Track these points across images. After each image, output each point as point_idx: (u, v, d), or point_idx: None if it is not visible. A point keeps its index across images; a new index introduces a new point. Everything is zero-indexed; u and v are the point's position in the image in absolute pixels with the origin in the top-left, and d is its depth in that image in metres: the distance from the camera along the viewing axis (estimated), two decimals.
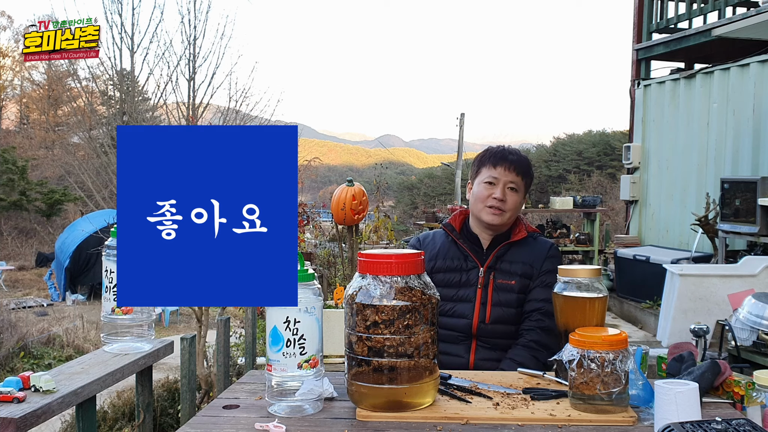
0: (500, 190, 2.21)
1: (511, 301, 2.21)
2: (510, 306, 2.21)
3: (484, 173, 2.25)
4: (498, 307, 2.21)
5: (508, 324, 2.21)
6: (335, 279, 6.73)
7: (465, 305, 2.22)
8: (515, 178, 2.23)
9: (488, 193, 2.22)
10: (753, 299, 3.37)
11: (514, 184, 2.23)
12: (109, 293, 2.09)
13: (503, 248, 2.25)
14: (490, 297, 2.21)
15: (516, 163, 2.23)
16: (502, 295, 2.22)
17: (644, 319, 7.37)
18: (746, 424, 1.35)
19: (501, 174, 2.22)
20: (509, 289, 2.22)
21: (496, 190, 2.21)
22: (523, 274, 2.23)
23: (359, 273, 1.61)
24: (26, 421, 1.61)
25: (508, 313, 2.21)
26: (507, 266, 2.24)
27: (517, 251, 2.26)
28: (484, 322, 2.20)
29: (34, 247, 19.99)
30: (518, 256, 2.25)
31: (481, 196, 2.24)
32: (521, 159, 2.27)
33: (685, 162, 8.24)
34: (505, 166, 2.22)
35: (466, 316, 2.22)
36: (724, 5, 7.90)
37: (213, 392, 4.94)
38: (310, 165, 9.08)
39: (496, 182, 2.22)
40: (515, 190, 2.23)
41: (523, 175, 2.25)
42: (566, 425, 1.52)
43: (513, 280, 2.22)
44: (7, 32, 29.56)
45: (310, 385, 1.60)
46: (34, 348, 8.39)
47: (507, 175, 2.22)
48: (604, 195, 17.04)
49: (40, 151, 24.05)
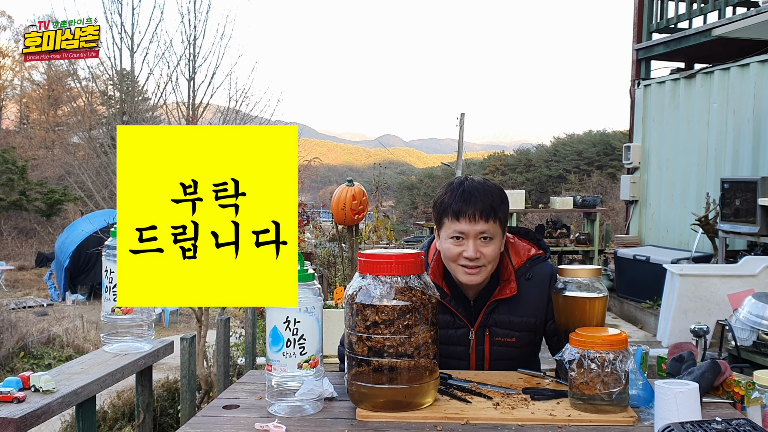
0: (471, 246, 1.85)
1: (512, 354, 1.98)
2: (512, 359, 1.97)
3: (448, 226, 1.88)
4: (497, 361, 1.98)
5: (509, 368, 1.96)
6: (335, 279, 6.73)
7: (459, 362, 1.98)
8: (485, 226, 1.85)
9: (458, 251, 1.87)
10: (753, 299, 3.37)
11: (486, 233, 1.85)
12: (109, 293, 2.09)
13: (494, 303, 1.96)
14: (487, 355, 1.98)
15: (482, 209, 1.84)
16: (502, 349, 1.98)
17: (644, 319, 7.37)
18: (746, 424, 1.35)
19: (467, 227, 1.85)
20: (509, 345, 1.97)
21: (466, 247, 1.86)
22: (525, 328, 1.97)
23: (359, 273, 1.60)
24: (26, 421, 1.61)
25: (509, 365, 1.96)
26: (504, 320, 1.95)
27: (513, 304, 1.95)
28: (482, 368, 2.00)
29: (34, 247, 20.00)
30: (515, 310, 1.95)
31: (450, 254, 1.89)
32: (487, 200, 1.85)
33: (685, 162, 8.24)
34: (468, 216, 1.84)
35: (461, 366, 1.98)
36: (724, 5, 7.90)
37: (213, 392, 4.94)
38: (310, 165, 9.08)
39: (464, 237, 1.86)
40: (489, 239, 1.87)
41: (494, 217, 1.86)
42: (566, 425, 1.52)
43: (513, 337, 1.96)
44: (7, 32, 29.56)
45: (310, 385, 1.60)
46: (34, 348, 8.39)
47: (474, 226, 1.85)
48: (604, 195, 17.04)
49: (40, 151, 24.04)
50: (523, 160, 26.94)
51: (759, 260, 5.39)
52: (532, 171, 25.79)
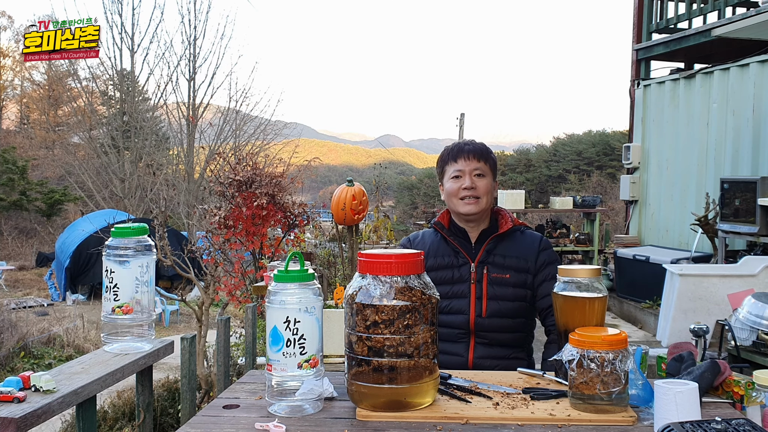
0: (468, 179, 2.26)
1: (507, 294, 2.24)
2: (506, 299, 2.24)
3: (449, 170, 2.31)
4: (494, 301, 2.24)
5: (505, 317, 2.24)
6: (335, 279, 6.73)
7: (460, 301, 2.25)
8: (478, 164, 2.28)
9: (458, 185, 2.27)
10: (753, 299, 3.37)
11: (479, 170, 2.28)
12: (109, 293, 2.09)
13: (492, 242, 2.29)
14: (485, 291, 2.24)
15: (474, 151, 2.29)
16: (498, 288, 2.24)
17: (644, 319, 7.37)
18: (746, 424, 1.35)
19: (464, 165, 2.28)
20: (504, 282, 2.25)
21: (464, 181, 2.26)
22: (518, 268, 2.26)
23: (359, 273, 1.61)
24: (26, 421, 1.61)
25: (504, 306, 2.24)
26: (500, 260, 2.27)
27: (508, 245, 2.29)
28: (481, 317, 2.23)
29: (35, 247, 19.99)
30: (510, 250, 2.28)
31: (452, 190, 2.29)
32: (478, 146, 2.33)
33: (684, 162, 8.24)
34: (464, 157, 2.28)
35: (462, 312, 2.24)
36: (724, 5, 7.90)
37: (213, 392, 4.94)
38: (310, 165, 9.07)
39: (462, 174, 2.28)
40: (482, 175, 2.28)
41: (485, 159, 2.30)
42: (566, 425, 1.52)
43: (507, 274, 2.25)
44: (7, 32, 29.59)
45: (310, 385, 1.60)
46: (34, 348, 8.39)
47: (469, 164, 2.28)
48: (604, 195, 17.04)
49: (40, 151, 24.06)
50: (523, 160, 26.93)
51: (759, 260, 5.39)
52: (532, 171, 25.78)
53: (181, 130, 20.10)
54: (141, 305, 2.12)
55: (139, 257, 2.09)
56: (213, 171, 8.37)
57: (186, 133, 19.91)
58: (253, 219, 5.91)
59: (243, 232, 5.92)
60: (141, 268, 2.10)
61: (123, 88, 20.73)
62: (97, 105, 21.70)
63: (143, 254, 2.11)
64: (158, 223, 5.97)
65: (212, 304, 6.27)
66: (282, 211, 6.12)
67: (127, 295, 2.08)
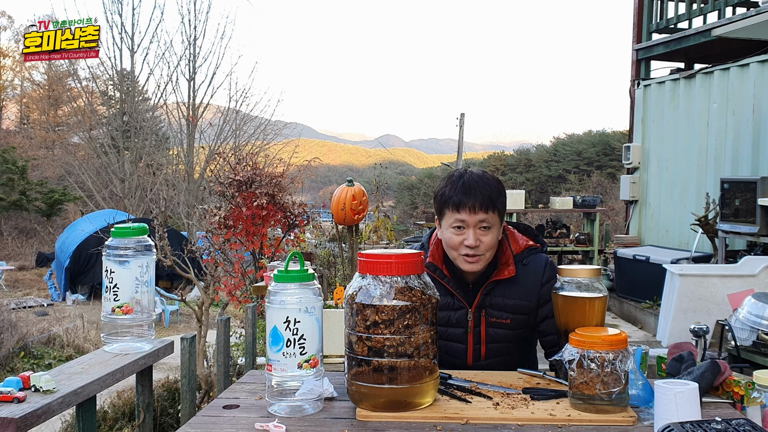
0: (472, 235, 1.96)
1: (507, 336, 2.08)
2: (506, 341, 2.08)
3: (449, 217, 1.99)
4: (493, 344, 2.08)
5: (505, 356, 2.09)
6: (335, 279, 6.73)
7: (456, 345, 2.08)
8: (485, 216, 1.95)
9: (459, 240, 1.98)
10: (753, 299, 3.37)
11: (486, 221, 1.96)
12: (109, 293, 2.09)
13: (491, 285, 2.06)
14: (483, 336, 2.07)
15: (482, 200, 1.95)
16: (497, 331, 2.08)
17: (644, 319, 7.37)
18: (746, 424, 1.35)
19: (467, 216, 1.95)
20: (503, 326, 2.07)
21: (467, 235, 1.96)
22: (518, 311, 2.06)
23: (359, 273, 1.61)
24: (26, 421, 1.61)
25: (504, 348, 2.09)
26: (499, 301, 2.05)
27: (508, 287, 2.05)
28: (479, 360, 2.09)
29: (35, 247, 20.00)
30: (510, 293, 2.05)
31: (452, 243, 2.00)
32: (486, 192, 1.96)
33: (684, 162, 8.24)
34: (469, 207, 1.95)
35: (458, 357, 2.09)
36: (724, 5, 7.90)
37: (213, 392, 4.94)
38: (310, 165, 9.07)
39: (464, 226, 1.97)
40: (488, 228, 1.97)
41: (493, 208, 1.97)
42: (566, 425, 1.52)
43: (507, 319, 2.06)
44: (7, 32, 29.59)
45: (310, 385, 1.60)
46: (34, 348, 8.39)
47: (474, 216, 1.95)
48: (604, 195, 17.05)
49: (40, 151, 24.06)
50: (523, 160, 26.94)
51: (759, 260, 5.39)
52: (532, 171, 25.79)
53: (181, 130, 20.12)
54: (141, 305, 2.12)
55: (139, 257, 2.09)
56: (213, 171, 8.38)
57: (186, 133, 19.92)
58: (253, 219, 5.91)
59: (243, 232, 5.92)
60: (141, 268, 2.10)
61: (123, 88, 20.74)
62: (97, 105, 21.70)
63: (143, 254, 2.11)
64: (158, 223, 5.98)
65: (212, 304, 6.27)
66: (282, 211, 6.13)
67: (127, 295, 2.08)
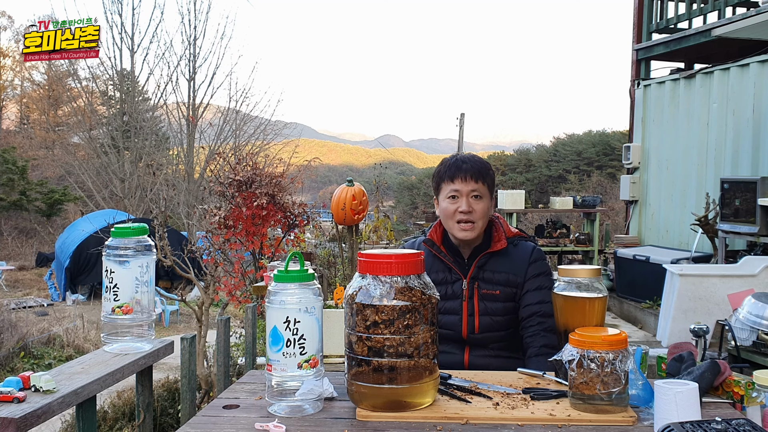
0: (465, 202, 2.19)
1: (497, 309, 2.23)
2: (497, 314, 2.23)
3: (445, 189, 2.24)
4: (486, 317, 2.22)
5: (497, 331, 2.23)
6: (335, 279, 6.72)
7: (452, 317, 2.23)
8: (475, 185, 2.20)
9: (454, 207, 2.20)
10: (753, 299, 3.36)
11: (477, 191, 2.20)
12: (109, 293, 2.09)
13: (484, 258, 2.25)
14: (476, 308, 2.22)
15: (472, 171, 2.21)
16: (489, 304, 2.23)
17: (644, 319, 7.37)
18: (746, 424, 1.35)
19: (461, 185, 2.20)
20: (494, 298, 2.23)
21: (460, 203, 2.19)
22: (507, 283, 2.23)
23: (359, 273, 1.61)
24: (26, 421, 1.61)
25: (496, 321, 2.22)
26: (490, 275, 2.24)
27: (499, 260, 2.25)
28: (473, 333, 2.22)
29: (35, 247, 20.00)
30: (500, 266, 2.24)
31: (448, 212, 2.22)
32: (476, 165, 2.23)
33: (685, 162, 8.23)
34: (461, 177, 2.20)
35: (454, 329, 2.23)
36: (724, 5, 7.90)
37: (213, 392, 4.94)
38: (310, 165, 9.07)
39: (458, 194, 2.20)
40: (479, 197, 2.21)
41: (483, 179, 2.22)
42: (566, 425, 1.52)
43: (497, 290, 2.23)
44: (7, 32, 29.61)
45: (310, 385, 1.60)
46: (34, 348, 8.39)
47: (467, 185, 2.20)
48: (604, 195, 17.04)
49: (40, 151, 24.07)
50: (523, 160, 26.94)
51: (759, 260, 5.39)
52: (532, 171, 25.78)
53: (181, 130, 20.12)
54: (141, 305, 2.12)
55: (139, 257, 2.10)
56: (213, 171, 8.38)
57: (186, 133, 19.92)
58: (253, 219, 5.91)
59: (243, 232, 5.92)
60: (141, 268, 2.10)
61: (123, 88, 20.74)
62: (97, 105, 21.70)
63: (143, 254, 2.11)
64: (158, 223, 5.97)
65: (212, 304, 6.27)
66: (282, 211, 6.13)
67: (127, 295, 2.08)
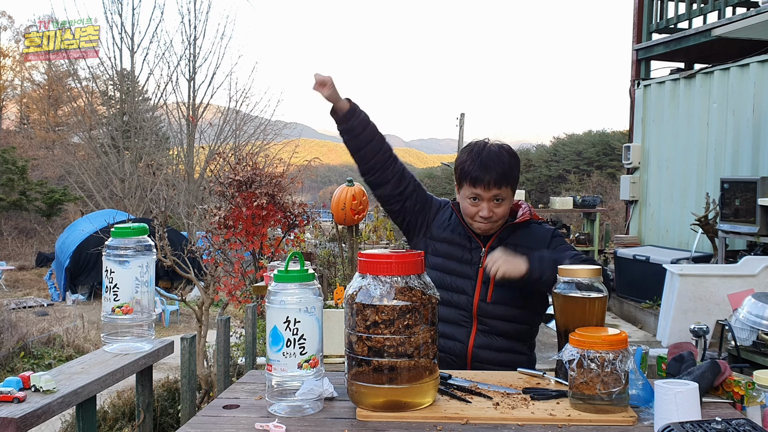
0: (486, 208, 2.16)
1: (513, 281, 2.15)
2: (512, 288, 2.16)
3: (466, 189, 2.19)
4: (500, 288, 2.17)
5: (509, 306, 2.19)
6: (335, 279, 6.72)
7: (466, 282, 2.22)
8: (498, 191, 2.15)
9: (475, 210, 2.18)
10: (753, 299, 3.36)
11: (499, 195, 2.16)
12: (109, 293, 2.09)
13: (507, 230, 2.24)
14: (492, 276, 2.15)
15: (495, 178, 2.13)
16: None
17: (644, 319, 7.37)
18: (746, 424, 1.35)
19: (482, 191, 2.15)
20: None
21: (481, 208, 2.16)
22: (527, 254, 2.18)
23: (359, 273, 1.61)
24: (26, 421, 1.60)
25: (510, 294, 2.18)
26: (511, 248, 2.17)
27: (521, 235, 2.24)
28: (485, 301, 2.18)
29: (35, 247, 20.00)
30: (521, 240, 2.23)
31: (468, 212, 2.21)
32: (500, 170, 2.15)
33: (685, 162, 8.24)
34: (484, 185, 2.14)
35: (466, 293, 2.21)
36: (724, 5, 7.90)
37: (213, 392, 4.94)
38: (310, 165, 9.06)
39: (479, 198, 2.16)
40: (501, 200, 2.18)
41: (506, 183, 2.16)
42: (566, 425, 1.52)
43: None
44: (8, 32, 29.63)
45: (310, 385, 1.60)
46: (34, 348, 8.39)
47: (489, 192, 2.14)
48: (604, 195, 17.04)
49: (40, 151, 24.07)
50: (523, 160, 26.90)
51: (759, 260, 5.39)
52: (532, 171, 25.78)
53: (181, 130, 20.11)
54: (141, 305, 2.12)
55: (139, 257, 2.09)
56: (213, 171, 8.37)
57: (186, 133, 19.92)
58: (253, 219, 5.91)
59: (243, 232, 5.92)
60: (141, 268, 2.10)
61: (123, 88, 20.73)
62: (97, 105, 21.70)
63: (143, 254, 2.11)
64: (158, 223, 5.97)
65: (212, 304, 6.27)
66: (282, 211, 6.13)
67: (127, 295, 2.08)
